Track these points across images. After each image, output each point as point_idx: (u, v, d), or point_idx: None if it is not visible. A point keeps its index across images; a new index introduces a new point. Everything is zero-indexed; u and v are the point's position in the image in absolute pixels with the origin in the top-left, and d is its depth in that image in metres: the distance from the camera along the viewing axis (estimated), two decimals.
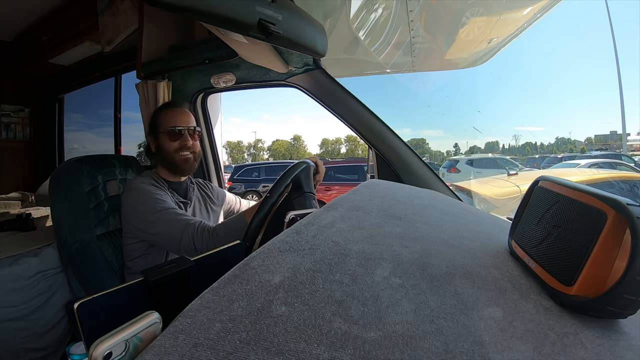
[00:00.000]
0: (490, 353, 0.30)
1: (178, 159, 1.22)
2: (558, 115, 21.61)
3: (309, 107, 75.32)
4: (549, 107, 24.87)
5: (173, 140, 1.22)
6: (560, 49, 42.32)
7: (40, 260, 1.33)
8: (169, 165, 1.24)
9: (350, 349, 0.29)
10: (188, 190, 1.30)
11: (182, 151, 1.22)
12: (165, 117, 1.24)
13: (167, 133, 1.22)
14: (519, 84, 39.38)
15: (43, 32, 2.18)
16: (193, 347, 0.29)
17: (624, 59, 19.98)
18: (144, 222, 1.10)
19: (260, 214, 1.01)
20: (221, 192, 1.46)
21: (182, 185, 1.28)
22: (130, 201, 1.14)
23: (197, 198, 1.32)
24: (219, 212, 1.40)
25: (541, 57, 32.26)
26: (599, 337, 0.34)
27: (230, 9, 0.61)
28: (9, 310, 1.23)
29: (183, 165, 1.23)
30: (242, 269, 0.40)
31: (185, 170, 1.25)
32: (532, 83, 44.47)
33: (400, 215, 0.60)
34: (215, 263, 0.52)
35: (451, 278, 0.40)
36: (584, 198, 0.39)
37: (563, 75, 23.94)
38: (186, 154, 1.23)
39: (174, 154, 1.22)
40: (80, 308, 0.39)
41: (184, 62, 1.53)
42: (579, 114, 23.22)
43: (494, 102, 29.66)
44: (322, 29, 0.89)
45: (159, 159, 1.25)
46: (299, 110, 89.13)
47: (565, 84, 32.80)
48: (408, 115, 15.16)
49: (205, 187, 1.41)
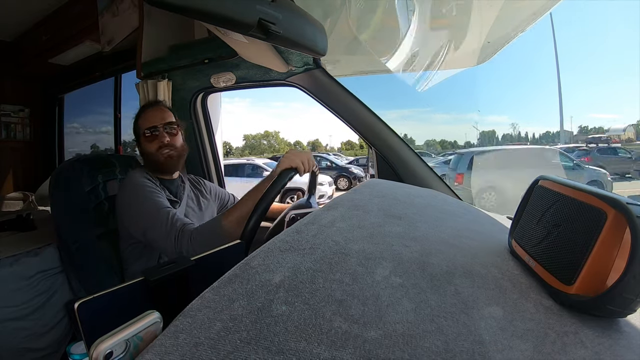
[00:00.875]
0: (491, 352, 0.30)
1: (160, 158, 1.21)
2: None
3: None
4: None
5: (151, 140, 1.21)
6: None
7: (41, 260, 1.33)
8: (155, 166, 1.23)
9: (351, 348, 0.29)
10: (178, 189, 1.29)
11: (162, 150, 1.21)
12: (142, 119, 1.24)
13: (144, 135, 1.21)
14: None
15: (43, 32, 2.18)
16: (194, 346, 0.29)
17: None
18: (135, 227, 1.10)
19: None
20: (214, 188, 1.45)
21: (173, 183, 1.28)
22: (124, 202, 1.14)
23: (188, 196, 1.31)
24: (212, 208, 1.40)
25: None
26: (599, 336, 0.34)
27: (230, 8, 0.61)
28: (9, 310, 1.23)
29: (167, 163, 1.22)
30: (242, 268, 0.40)
31: (170, 168, 1.24)
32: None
33: (401, 214, 0.60)
34: (216, 262, 0.52)
35: (451, 277, 0.40)
36: (584, 197, 0.40)
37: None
38: (167, 152, 1.21)
39: (155, 154, 1.21)
40: (80, 308, 0.39)
41: (184, 62, 1.53)
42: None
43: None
44: (322, 28, 0.89)
45: (145, 161, 1.26)
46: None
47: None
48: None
49: (198, 183, 1.41)
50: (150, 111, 1.25)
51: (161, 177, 1.25)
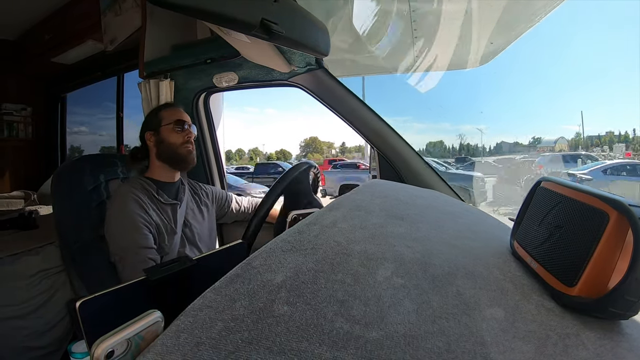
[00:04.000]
0: (492, 353, 0.30)
1: (183, 151, 1.26)
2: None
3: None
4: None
5: (178, 132, 1.26)
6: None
7: (42, 258, 1.34)
8: (172, 160, 1.25)
9: (352, 349, 0.29)
10: (179, 191, 1.30)
11: (186, 144, 1.26)
12: (169, 112, 1.28)
13: (173, 125, 1.25)
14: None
15: (46, 31, 2.19)
16: (195, 346, 0.29)
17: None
18: (111, 248, 1.12)
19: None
20: (211, 191, 1.46)
21: (173, 186, 1.28)
22: (109, 222, 1.14)
23: (188, 199, 1.32)
24: (212, 211, 1.41)
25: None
26: (601, 338, 0.34)
27: (233, 8, 0.61)
28: (11, 309, 1.24)
29: (188, 156, 1.27)
30: (244, 268, 0.40)
31: (189, 162, 1.28)
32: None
33: (402, 215, 0.60)
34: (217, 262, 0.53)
35: (453, 278, 0.40)
36: (586, 199, 0.39)
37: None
38: (189, 147, 1.27)
39: (180, 146, 1.25)
40: (82, 307, 0.39)
41: (186, 62, 1.53)
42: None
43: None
44: (324, 28, 0.89)
45: (160, 155, 1.25)
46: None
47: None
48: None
49: (196, 187, 1.42)
50: (178, 109, 1.31)
51: (162, 180, 1.25)
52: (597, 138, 15.46)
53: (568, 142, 14.31)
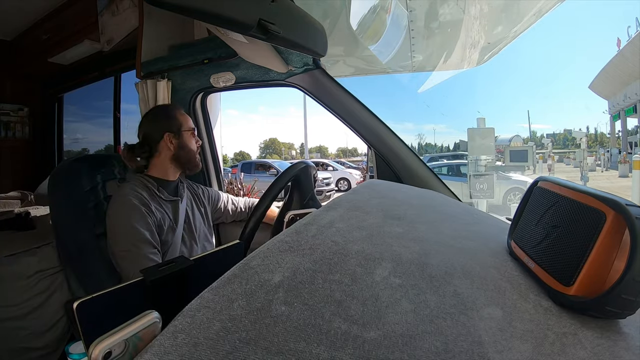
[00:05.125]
0: (490, 353, 0.30)
1: (197, 155, 1.31)
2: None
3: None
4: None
5: (193, 137, 1.31)
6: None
7: (39, 259, 1.33)
8: (187, 164, 1.29)
9: (350, 349, 0.29)
10: (178, 187, 1.31)
11: (198, 150, 1.33)
12: (184, 118, 1.31)
13: (191, 132, 1.30)
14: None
15: (43, 31, 2.18)
16: (192, 346, 0.29)
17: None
18: (112, 249, 1.13)
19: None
20: (207, 192, 1.46)
21: (173, 183, 1.30)
22: (110, 223, 1.14)
23: (187, 196, 1.33)
24: (208, 211, 1.42)
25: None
26: (598, 338, 0.34)
27: (230, 8, 0.61)
28: (8, 310, 1.23)
29: (199, 163, 1.33)
30: (241, 268, 0.40)
31: (198, 167, 1.33)
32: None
33: (400, 215, 0.60)
34: (215, 262, 0.52)
35: (450, 278, 0.40)
36: (583, 198, 0.40)
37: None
38: (198, 152, 1.34)
39: (195, 152, 1.30)
40: (79, 307, 0.39)
41: (183, 62, 1.53)
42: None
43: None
44: (322, 28, 0.89)
45: (178, 158, 1.27)
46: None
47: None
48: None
49: (192, 187, 1.42)
50: (186, 114, 1.34)
51: (163, 178, 1.26)
52: (552, 136, 17.08)
53: (523, 140, 15.67)
